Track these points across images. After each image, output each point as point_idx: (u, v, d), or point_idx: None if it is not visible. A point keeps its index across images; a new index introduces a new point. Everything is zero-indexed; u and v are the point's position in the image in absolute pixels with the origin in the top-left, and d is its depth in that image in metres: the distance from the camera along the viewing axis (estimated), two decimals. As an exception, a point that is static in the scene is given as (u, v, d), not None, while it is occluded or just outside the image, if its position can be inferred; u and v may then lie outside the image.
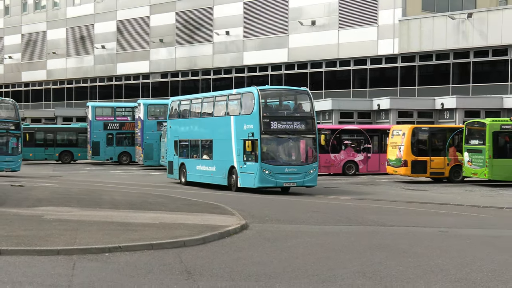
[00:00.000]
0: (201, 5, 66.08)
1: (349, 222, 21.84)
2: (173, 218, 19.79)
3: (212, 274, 12.68)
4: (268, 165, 30.97)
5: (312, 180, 32.03)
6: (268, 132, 31.01)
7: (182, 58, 67.74)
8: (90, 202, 24.73)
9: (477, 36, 51.69)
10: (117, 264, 13.39)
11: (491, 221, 23.10)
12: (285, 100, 35.27)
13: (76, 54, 76.92)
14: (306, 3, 59.41)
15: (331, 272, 13.14)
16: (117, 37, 72.92)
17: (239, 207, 23.38)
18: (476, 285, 12.20)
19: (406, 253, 15.85)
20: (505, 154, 36.86)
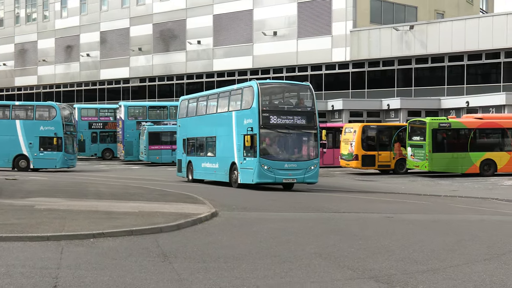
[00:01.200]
0: (175, 17, 66.01)
1: (307, 210, 21.90)
2: (151, 207, 19.73)
3: (185, 256, 12.68)
4: (267, 160, 27.92)
5: (313, 177, 28.79)
6: (267, 127, 28.03)
7: (159, 65, 67.67)
8: (77, 193, 24.58)
9: (418, 45, 52.11)
10: (101, 248, 13.35)
11: (431, 207, 23.30)
12: (286, 95, 31.51)
13: (64, 62, 76.52)
14: (269, 16, 59.45)
15: (291, 254, 13.18)
16: (100, 46, 72.67)
17: (210, 198, 23.34)
18: (417, 263, 12.30)
19: (357, 236, 15.93)
20: (442, 148, 37.25)
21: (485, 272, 11.61)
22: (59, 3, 76.99)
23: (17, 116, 42.93)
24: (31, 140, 41.89)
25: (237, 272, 11.23)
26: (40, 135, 42.14)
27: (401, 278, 11.03)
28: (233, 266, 11.74)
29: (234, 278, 10.82)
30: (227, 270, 11.43)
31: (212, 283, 10.42)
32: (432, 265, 12.20)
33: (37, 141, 42.06)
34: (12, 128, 41.91)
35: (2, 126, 41.96)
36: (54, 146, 42.19)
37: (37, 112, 43.19)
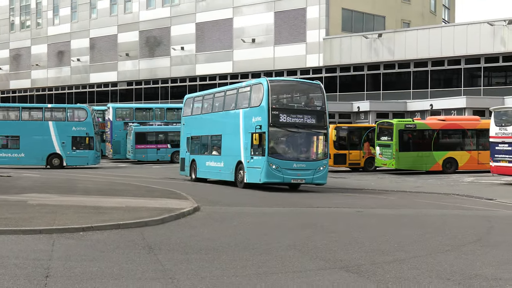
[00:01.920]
0: (160, 25, 65.89)
1: (283, 205, 21.95)
2: (137, 203, 19.67)
3: (169, 248, 12.66)
4: (275, 159, 25.56)
5: (322, 178, 26.44)
6: (276, 125, 25.70)
7: (145, 69, 67.50)
8: (67, 189, 24.52)
9: (386, 52, 52.39)
10: (90, 241, 13.31)
11: (398, 202, 23.40)
12: (296, 93, 29.06)
13: (56, 66, 76.19)
14: (247, 24, 59.47)
15: (267, 246, 13.19)
16: (90, 52, 72.42)
17: (193, 193, 23.31)
18: (385, 254, 12.35)
19: (329, 229, 15.99)
20: (408, 148, 37.49)
21: (446, 262, 11.69)
22: (51, 11, 76.65)
23: (49, 117, 43.41)
24: (64, 140, 42.60)
25: (217, 263, 11.22)
26: (72, 135, 42.91)
27: (370, 268, 11.08)
28: (213, 258, 11.73)
29: (214, 268, 10.82)
30: (208, 261, 11.43)
31: (194, 273, 10.41)
32: (398, 256, 12.27)
33: (70, 140, 42.83)
34: (45, 129, 42.54)
35: (36, 127, 42.66)
36: (86, 145, 43.21)
37: (69, 114, 43.89)
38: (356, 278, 10.28)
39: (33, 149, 42.10)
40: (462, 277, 10.46)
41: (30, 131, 42.46)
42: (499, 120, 30.07)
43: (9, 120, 43.00)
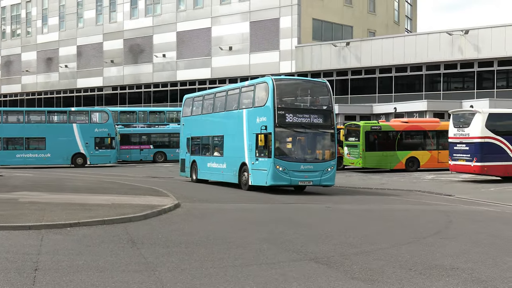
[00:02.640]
0: (143, 34, 65.64)
1: (259, 201, 21.95)
2: (122, 200, 19.58)
3: (151, 242, 12.63)
4: (282, 161, 23.25)
5: (330, 179, 24.14)
6: (283, 125, 23.37)
7: (129, 75, 67.22)
8: (56, 187, 24.35)
9: (354, 59, 52.65)
10: (77, 236, 13.24)
11: (364, 199, 23.53)
12: (301, 92, 26.17)
13: (45, 72, 75.64)
14: (225, 33, 59.44)
15: (243, 240, 13.21)
16: (77, 59, 71.99)
17: (174, 191, 23.27)
18: (352, 247, 12.42)
19: (301, 224, 16.03)
20: (374, 148, 37.71)
21: (408, 253, 11.79)
22: (40, 21, 76.14)
23: (73, 120, 44.08)
24: (87, 140, 43.50)
25: (196, 256, 11.22)
26: (95, 136, 43.82)
27: (338, 259, 11.13)
28: (192, 251, 11.73)
29: (193, 261, 10.81)
30: (187, 254, 11.43)
31: (174, 265, 10.41)
32: (364, 248, 12.34)
33: (93, 141, 43.83)
34: (69, 131, 43.29)
35: (61, 129, 43.41)
36: (108, 145, 44.39)
37: (91, 116, 44.75)
38: (325, 269, 10.32)
39: (59, 149, 42.88)
40: (423, 267, 10.55)
41: (56, 132, 43.17)
42: (457, 122, 30.35)
43: (36, 123, 43.59)
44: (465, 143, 29.41)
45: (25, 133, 42.90)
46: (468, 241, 13.50)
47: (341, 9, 58.63)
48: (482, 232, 14.81)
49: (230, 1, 59.31)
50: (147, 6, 65.80)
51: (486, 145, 28.76)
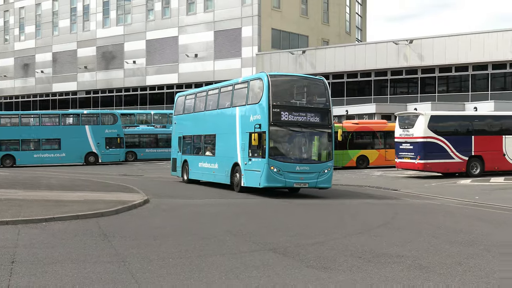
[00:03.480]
0: (115, 41, 65.10)
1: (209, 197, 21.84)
2: (94, 196, 19.40)
3: (122, 235, 12.55)
4: (276, 161, 20.29)
5: (327, 181, 21.22)
6: (278, 124, 20.41)
7: (101, 80, 66.61)
8: (32, 185, 23.98)
9: (309, 66, 52.94)
10: (52, 230, 13.08)
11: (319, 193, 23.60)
12: (298, 89, 23.00)
13: (22, 77, 74.44)
14: (191, 41, 59.27)
15: (208, 232, 13.19)
16: (53, 64, 71.04)
17: (143, 188, 23.10)
18: (307, 238, 12.51)
19: (260, 217, 16.10)
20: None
21: (358, 243, 11.91)
22: (18, 29, 74.99)
23: (85, 122, 44.35)
24: (98, 141, 43.88)
25: (164, 247, 11.18)
26: (106, 136, 44.23)
27: (294, 249, 11.20)
28: (161, 243, 11.69)
29: (161, 252, 10.77)
30: (155, 246, 11.37)
31: (143, 256, 10.35)
32: (319, 239, 12.42)
33: (103, 141, 44.26)
34: (82, 132, 43.60)
35: (74, 131, 43.62)
36: (118, 144, 44.69)
37: (102, 119, 45.00)
38: (282, 258, 10.37)
39: (73, 149, 43.17)
40: (371, 255, 10.67)
41: (69, 134, 43.38)
42: (402, 124, 30.72)
43: (51, 125, 43.96)
44: (409, 143, 29.79)
45: (42, 135, 43.09)
46: (412, 231, 13.71)
47: (297, 20, 58.92)
48: (425, 223, 15.03)
49: (196, 12, 59.17)
50: (118, 16, 65.29)
51: (428, 144, 29.17)
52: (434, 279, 8.96)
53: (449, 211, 17.60)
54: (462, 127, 30.35)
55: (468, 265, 9.88)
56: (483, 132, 30.30)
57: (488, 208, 18.39)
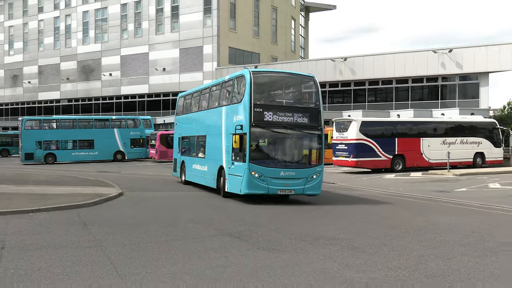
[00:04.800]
0: (93, 57, 63.91)
1: (184, 190, 21.72)
2: (75, 190, 19.03)
3: (100, 224, 12.36)
4: (258, 166, 16.27)
5: (315, 188, 16.96)
6: (260, 125, 16.39)
7: (81, 90, 65.29)
8: (20, 181, 23.34)
9: (261, 79, 52.88)
10: (38, 220, 12.79)
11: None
12: (285, 87, 18.70)
13: (11, 87, 72.44)
14: (159, 57, 58.67)
15: (174, 220, 13.10)
16: (39, 76, 69.33)
17: (118, 183, 22.74)
18: (259, 226, 12.56)
19: (220, 208, 16.01)
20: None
21: (302, 229, 12.03)
22: (7, 45, 73.01)
23: (113, 125, 44.54)
24: (125, 141, 44.42)
25: (136, 234, 11.07)
26: (131, 138, 44.76)
27: (248, 234, 11.23)
28: (132, 230, 11.57)
29: (133, 237, 10.68)
30: (128, 232, 11.26)
31: (118, 242, 10.24)
32: (269, 227, 12.49)
33: (129, 141, 44.55)
34: (111, 134, 44.08)
35: (104, 133, 43.88)
36: (141, 144, 45.07)
37: (128, 122, 45.35)
38: (237, 242, 10.39)
39: (103, 148, 43.67)
40: (312, 238, 10.79)
41: (101, 135, 43.71)
42: (338, 128, 31.11)
43: (86, 128, 44.10)
44: (344, 144, 30.19)
45: (78, 137, 43.37)
46: (348, 219, 13.89)
47: (251, 39, 59.00)
48: (357, 211, 15.25)
49: (164, 32, 58.65)
50: (96, 34, 64.23)
51: (359, 145, 29.64)
52: (364, 257, 9.13)
53: (375, 200, 17.88)
54: (388, 131, 30.92)
55: (392, 245, 10.10)
56: (405, 135, 30.94)
57: (409, 198, 18.78)
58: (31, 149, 42.12)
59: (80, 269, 8.07)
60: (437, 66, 43.96)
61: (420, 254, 9.42)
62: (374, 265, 8.54)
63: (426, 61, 44.48)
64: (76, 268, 8.16)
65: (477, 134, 32.89)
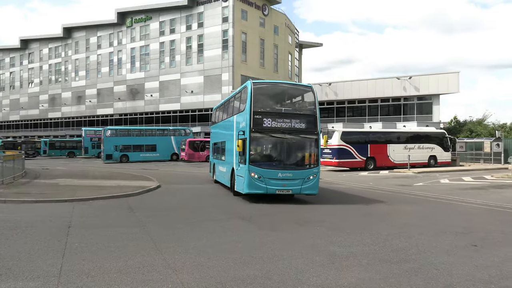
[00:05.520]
0: (138, 82, 64.03)
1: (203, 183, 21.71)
2: (125, 183, 19.07)
3: (143, 209, 12.35)
4: (257, 168, 14.45)
5: (312, 188, 14.79)
6: (259, 130, 14.53)
7: (129, 107, 65.43)
8: (82, 176, 23.40)
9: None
10: (96, 206, 12.82)
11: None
12: (284, 96, 16.66)
13: (76, 104, 72.73)
14: (189, 82, 58.78)
15: (199, 206, 13.09)
16: (97, 97, 69.59)
17: (157, 177, 22.74)
18: (263, 211, 12.48)
19: (237, 197, 15.89)
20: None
21: (295, 215, 11.90)
22: (74, 73, 73.42)
23: (170, 134, 44.63)
24: (178, 145, 43.85)
25: (170, 217, 11.06)
26: None
27: (254, 218, 11.16)
28: (168, 214, 11.55)
29: (169, 220, 10.66)
30: (165, 216, 11.24)
31: (157, 222, 10.23)
32: (268, 212, 12.36)
33: (179, 146, 43.99)
34: (169, 140, 44.09)
35: (164, 139, 43.77)
36: None
37: (180, 132, 45.35)
38: (247, 223, 10.33)
39: (163, 151, 43.71)
40: (303, 221, 10.67)
41: (161, 141, 43.90)
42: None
43: (151, 136, 44.18)
44: (329, 149, 30.10)
45: (145, 142, 43.60)
46: (332, 206, 13.80)
47: (258, 69, 59.02)
48: (339, 201, 15.13)
49: (192, 63, 58.80)
50: (141, 65, 64.50)
51: (341, 149, 29.51)
52: (344, 236, 9.07)
53: (354, 193, 17.78)
54: (362, 138, 30.76)
55: (370, 230, 10.01)
56: (375, 142, 30.77)
57: (379, 190, 18.65)
58: (110, 151, 42.46)
59: (128, 243, 8.07)
60: (400, 89, 43.84)
61: (387, 233, 9.35)
62: (352, 242, 8.48)
63: (391, 85, 44.37)
64: (125, 242, 8.17)
65: (431, 142, 32.68)
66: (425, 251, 7.87)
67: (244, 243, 8.26)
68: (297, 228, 9.79)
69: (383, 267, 6.88)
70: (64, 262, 6.86)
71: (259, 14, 58.98)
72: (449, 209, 13.15)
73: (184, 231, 9.22)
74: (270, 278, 6.24)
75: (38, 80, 79.43)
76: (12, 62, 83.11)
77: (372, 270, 6.69)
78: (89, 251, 7.53)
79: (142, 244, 8.02)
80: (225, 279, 6.19)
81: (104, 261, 6.93)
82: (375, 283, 6.13)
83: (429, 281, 6.29)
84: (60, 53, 75.61)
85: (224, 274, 6.40)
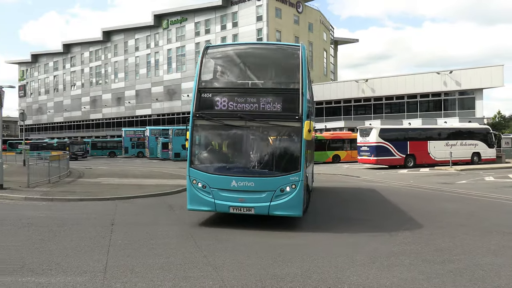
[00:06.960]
0: (175, 82, 65.31)
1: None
2: (163, 182, 19.49)
3: (181, 207, 12.51)
4: (201, 172, 8.88)
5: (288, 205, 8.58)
6: (205, 116, 8.98)
7: (167, 107, 66.81)
8: (123, 175, 24.08)
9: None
10: (137, 203, 13.15)
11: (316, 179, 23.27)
12: (254, 64, 9.70)
13: (116, 105, 74.92)
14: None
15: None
16: (136, 97, 71.47)
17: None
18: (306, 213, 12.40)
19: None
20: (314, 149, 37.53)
21: (337, 213, 11.77)
22: (113, 75, 75.69)
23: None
24: None
25: (207, 214, 11.15)
26: None
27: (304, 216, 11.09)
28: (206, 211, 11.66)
29: (205, 216, 10.75)
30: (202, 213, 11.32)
31: (196, 219, 10.33)
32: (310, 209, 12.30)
33: None
34: None
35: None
36: None
37: None
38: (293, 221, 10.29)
39: None
40: (346, 219, 10.52)
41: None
42: (362, 133, 30.55)
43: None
44: (367, 146, 29.62)
45: None
46: (370, 204, 13.59)
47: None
48: (377, 199, 14.88)
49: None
50: (177, 66, 65.63)
51: (378, 147, 28.99)
52: (385, 235, 8.90)
53: (393, 191, 17.43)
54: (401, 135, 30.08)
55: (408, 226, 9.80)
56: (415, 139, 30.02)
57: (419, 188, 18.21)
58: (178, 150, 43.50)
59: (169, 241, 8.24)
60: (440, 84, 42.52)
61: (430, 232, 9.10)
62: (394, 241, 8.31)
63: (431, 80, 43.10)
64: (166, 240, 8.34)
65: (474, 138, 31.51)
66: (470, 251, 7.60)
67: (283, 242, 8.24)
68: (338, 225, 9.68)
69: (426, 267, 6.71)
70: (109, 258, 7.08)
71: (293, 12, 58.66)
72: (495, 208, 12.64)
73: (221, 229, 9.28)
74: (310, 277, 6.21)
75: (80, 83, 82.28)
76: (55, 66, 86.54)
77: (415, 270, 6.54)
78: (132, 248, 7.73)
79: (182, 242, 8.16)
80: (265, 277, 6.21)
81: (147, 257, 7.10)
82: (418, 284, 5.98)
83: (475, 282, 6.08)
84: (100, 56, 77.98)
85: (264, 272, 6.42)
